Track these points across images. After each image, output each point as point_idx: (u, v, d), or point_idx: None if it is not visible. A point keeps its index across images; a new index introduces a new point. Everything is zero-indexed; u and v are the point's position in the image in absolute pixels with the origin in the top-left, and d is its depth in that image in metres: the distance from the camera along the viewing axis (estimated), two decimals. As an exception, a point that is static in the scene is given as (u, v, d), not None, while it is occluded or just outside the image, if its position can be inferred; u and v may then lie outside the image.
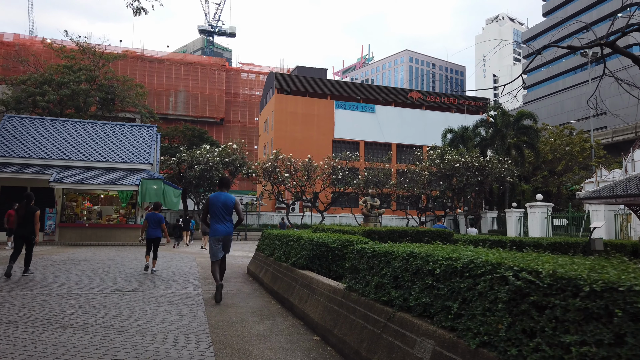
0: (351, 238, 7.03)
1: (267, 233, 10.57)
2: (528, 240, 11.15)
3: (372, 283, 4.04)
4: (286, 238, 8.27)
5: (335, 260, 6.81)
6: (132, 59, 73.13)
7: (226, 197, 7.73)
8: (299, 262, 6.88)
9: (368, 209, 21.64)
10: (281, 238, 8.70)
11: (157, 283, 9.15)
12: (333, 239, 6.91)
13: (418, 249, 3.79)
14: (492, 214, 37.64)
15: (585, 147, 41.95)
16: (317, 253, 6.73)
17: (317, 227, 10.77)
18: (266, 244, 10.00)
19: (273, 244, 9.26)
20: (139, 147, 25.92)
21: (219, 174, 36.26)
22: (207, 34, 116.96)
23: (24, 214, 9.82)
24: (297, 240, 7.44)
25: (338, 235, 7.29)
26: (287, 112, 52.64)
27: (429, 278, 3.34)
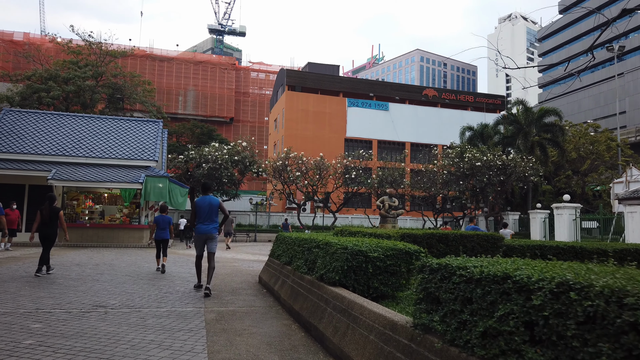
0: (396, 245, 5.43)
1: (282, 237, 8.99)
2: (589, 246, 9.44)
3: (477, 328, 2.42)
4: (309, 243, 6.68)
5: (377, 275, 5.21)
6: (141, 58, 72.34)
7: (211, 200, 8.55)
8: (329, 275, 5.28)
9: (386, 209, 20.01)
10: (302, 243, 7.11)
11: (151, 297, 7.60)
12: (372, 247, 5.32)
13: (568, 273, 2.16)
14: (513, 216, 35.77)
15: (612, 145, 39.92)
16: (354, 265, 5.13)
17: (341, 230, 9.16)
18: (282, 250, 8.42)
19: (291, 250, 7.68)
20: (144, 143, 24.51)
21: (228, 172, 34.83)
22: (216, 34, 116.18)
23: (48, 214, 10.13)
24: (324, 248, 5.85)
25: (378, 242, 5.68)
26: (297, 110, 51.10)
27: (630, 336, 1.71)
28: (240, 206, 43.83)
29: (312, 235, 7.70)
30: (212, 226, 8.41)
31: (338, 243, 5.49)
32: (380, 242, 5.61)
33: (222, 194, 37.61)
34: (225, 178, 34.80)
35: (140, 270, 11.36)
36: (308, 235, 7.51)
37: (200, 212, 8.39)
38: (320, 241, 6.19)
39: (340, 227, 9.28)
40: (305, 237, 7.09)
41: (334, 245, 5.52)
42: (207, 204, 8.44)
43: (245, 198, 42.52)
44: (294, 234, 8.72)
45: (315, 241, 6.42)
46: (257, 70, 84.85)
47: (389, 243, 5.55)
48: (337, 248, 5.36)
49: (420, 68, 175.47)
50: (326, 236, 7.39)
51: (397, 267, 5.27)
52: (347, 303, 4.44)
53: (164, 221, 11.78)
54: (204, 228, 8.33)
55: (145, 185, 21.86)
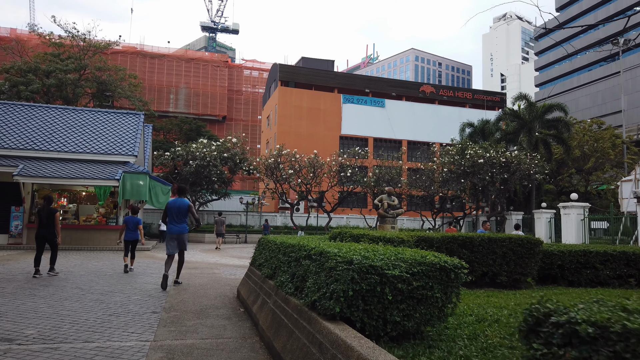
0: (425, 257, 3.63)
1: (265, 241, 7.17)
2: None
3: None
4: (297, 252, 4.87)
5: (398, 303, 3.42)
6: (131, 55, 70.32)
7: (181, 202, 9.16)
8: (325, 304, 3.47)
9: (384, 208, 18.35)
10: (288, 251, 5.29)
11: (88, 321, 5.76)
12: (391, 260, 3.52)
13: None
14: (516, 216, 34.08)
15: (617, 143, 38.41)
16: (363, 289, 3.34)
17: (339, 232, 7.32)
18: (264, 258, 6.60)
19: (274, 260, 5.87)
20: (122, 136, 22.58)
21: (218, 170, 32.94)
22: (209, 31, 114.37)
23: (46, 215, 10.24)
24: (318, 260, 4.04)
25: (396, 251, 3.88)
26: (291, 106, 49.26)
27: None
28: (231, 206, 41.92)
29: (303, 240, 5.91)
30: (182, 226, 9.11)
31: (339, 254, 3.68)
32: (401, 252, 3.81)
33: (211, 193, 35.70)
34: (215, 176, 32.90)
35: (99, 280, 9.51)
36: (297, 240, 5.71)
37: (170, 213, 9.09)
38: (313, 249, 4.37)
39: (338, 229, 7.47)
40: (293, 243, 5.27)
41: (332, 256, 3.70)
42: (177, 206, 9.11)
43: (236, 198, 40.64)
44: (279, 237, 6.93)
45: (306, 249, 4.61)
46: (250, 68, 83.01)
47: (413, 253, 3.76)
48: (337, 262, 3.55)
49: (415, 67, 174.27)
50: (320, 241, 5.59)
51: (428, 290, 3.49)
52: (356, 358, 2.64)
53: (133, 222, 11.88)
54: (175, 228, 9.06)
55: (122, 183, 19.96)
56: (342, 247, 4.30)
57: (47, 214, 10.29)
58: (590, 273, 7.58)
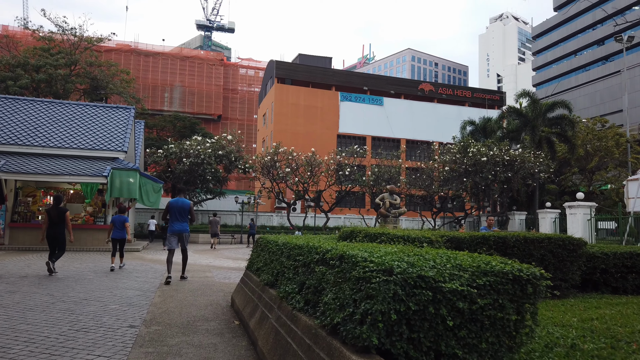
0: (492, 265, 2.61)
1: (264, 242, 6.14)
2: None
3: None
4: (306, 255, 3.85)
5: (457, 329, 2.42)
6: (125, 53, 69.22)
7: (182, 202, 9.72)
8: (355, 331, 2.43)
9: (386, 208, 17.43)
10: (294, 254, 4.27)
11: (47, 341, 4.73)
12: (447, 268, 2.51)
13: None
14: (520, 216, 33.22)
15: (621, 141, 37.58)
16: (410, 310, 2.32)
17: (351, 231, 6.27)
18: (263, 261, 5.59)
19: (276, 263, 4.85)
20: (111, 131, 21.48)
21: (212, 168, 31.87)
22: (205, 30, 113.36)
23: (56, 214, 10.19)
24: (338, 266, 3.04)
25: (447, 255, 2.86)
26: (288, 104, 48.23)
27: None
28: (226, 206, 40.86)
29: (311, 240, 4.90)
30: (184, 225, 9.64)
31: (370, 258, 2.67)
32: (454, 257, 2.81)
33: (205, 192, 34.62)
34: (209, 175, 31.83)
35: (76, 285, 8.46)
36: (304, 240, 4.70)
37: (172, 212, 9.57)
38: (329, 252, 3.36)
39: (350, 228, 6.43)
40: (300, 244, 4.25)
41: (360, 262, 2.68)
42: (179, 205, 9.63)
43: (231, 197, 39.58)
44: (281, 237, 5.91)
45: (319, 251, 3.60)
46: (245, 66, 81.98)
47: (472, 259, 2.75)
48: (369, 270, 2.52)
49: (412, 67, 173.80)
50: (332, 242, 4.57)
51: (497, 309, 2.49)
52: None
53: (120, 221, 11.87)
54: (177, 226, 9.53)
55: (111, 180, 18.86)
56: (368, 248, 3.29)
57: (57, 213, 10.22)
58: (638, 278, 6.63)
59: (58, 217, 10.21)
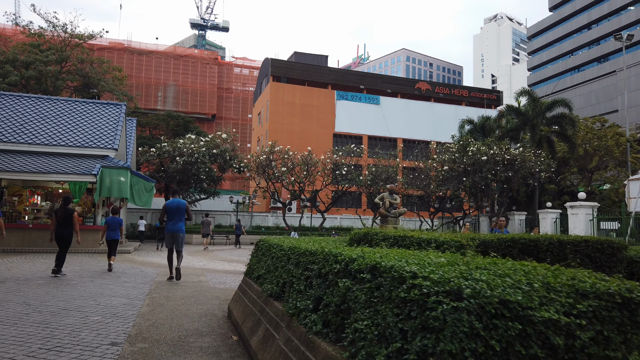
0: (589, 282, 1.93)
1: (266, 244, 5.42)
2: None
3: None
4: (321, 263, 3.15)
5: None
6: (118, 51, 68.31)
7: (179, 202, 10.06)
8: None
9: (386, 208, 16.80)
10: (305, 261, 3.56)
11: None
12: (531, 288, 1.82)
13: None
14: (520, 216, 32.70)
15: (621, 141, 37.15)
16: (489, 350, 1.62)
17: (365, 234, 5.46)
18: (265, 267, 4.88)
19: (281, 271, 4.15)
20: (101, 128, 20.68)
21: (206, 167, 31.11)
22: (199, 28, 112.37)
23: (63, 215, 10.28)
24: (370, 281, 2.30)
25: (519, 268, 2.17)
26: (283, 102, 47.51)
27: None
28: (221, 206, 40.08)
29: (325, 244, 4.21)
30: (180, 225, 9.88)
31: (422, 273, 1.96)
32: (528, 270, 2.11)
33: (199, 192, 33.86)
34: (203, 174, 31.06)
35: (56, 292, 7.72)
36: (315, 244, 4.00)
37: (169, 213, 9.83)
38: (355, 261, 2.66)
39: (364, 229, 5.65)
40: (313, 249, 3.55)
41: (407, 277, 1.96)
42: (175, 205, 9.89)
43: (226, 197, 38.82)
44: (285, 239, 5.22)
45: (340, 259, 2.90)
46: (240, 65, 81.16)
47: (560, 274, 2.05)
48: (426, 292, 1.81)
49: (407, 68, 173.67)
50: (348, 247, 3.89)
51: (601, 345, 1.81)
52: None
53: (114, 222, 11.93)
54: (173, 227, 9.77)
55: (101, 178, 18.09)
56: (405, 256, 2.61)
57: (64, 214, 10.33)
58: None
59: (64, 217, 10.32)
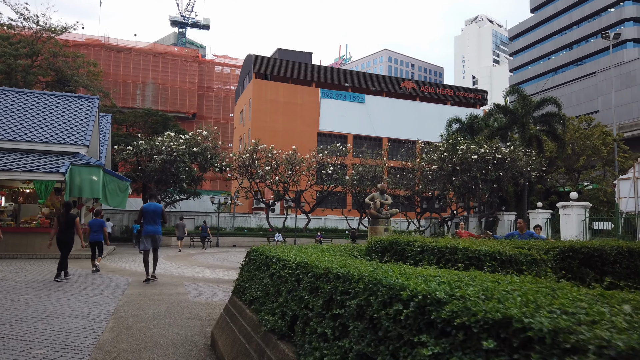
0: None
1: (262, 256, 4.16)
2: None
3: None
4: (356, 296, 2.01)
5: None
6: (95, 48, 66.11)
7: (155, 206, 10.49)
8: None
9: (377, 208, 15.79)
10: (327, 289, 2.40)
11: None
12: None
13: None
14: (509, 216, 32.05)
15: (608, 140, 36.87)
16: None
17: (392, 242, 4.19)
18: (262, 290, 3.67)
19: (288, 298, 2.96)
20: (71, 123, 19.14)
21: (186, 166, 29.63)
22: (179, 26, 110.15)
23: (65, 221, 10.45)
24: (466, 337, 1.21)
25: None
26: (266, 100, 46.18)
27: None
28: (201, 206, 38.55)
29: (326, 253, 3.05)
30: (157, 227, 10.32)
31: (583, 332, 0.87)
32: None
33: (179, 192, 32.32)
34: (183, 173, 29.56)
35: (1, 312, 6.38)
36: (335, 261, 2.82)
37: (146, 215, 10.25)
38: (446, 304, 1.51)
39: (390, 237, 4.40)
40: (341, 271, 2.37)
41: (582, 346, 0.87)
42: (152, 209, 10.31)
43: (206, 198, 37.33)
44: (290, 250, 4.03)
45: (402, 295, 1.75)
46: (221, 64, 79.57)
47: None
48: None
49: (389, 68, 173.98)
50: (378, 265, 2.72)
51: None
52: None
53: (96, 224, 12.18)
54: (151, 229, 10.25)
55: (70, 177, 16.61)
56: (530, 292, 1.48)
57: (66, 220, 10.43)
58: None
59: (67, 223, 10.43)
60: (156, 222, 10.26)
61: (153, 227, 10.22)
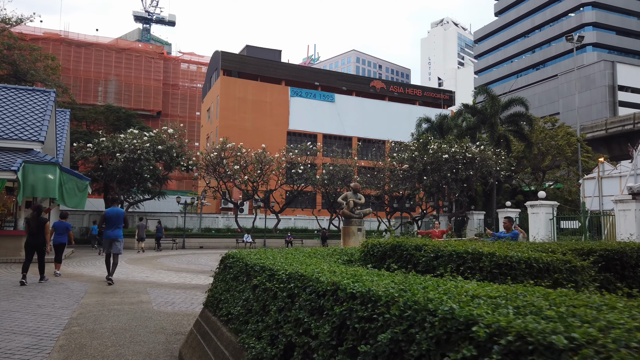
0: None
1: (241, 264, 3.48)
2: None
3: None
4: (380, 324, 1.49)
5: None
6: (54, 42, 63.22)
7: (118, 211, 10.86)
8: None
9: (350, 208, 15.40)
10: (340, 312, 1.81)
11: None
12: None
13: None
14: (478, 215, 32.23)
15: (572, 141, 37.70)
16: None
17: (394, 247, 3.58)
18: (243, 305, 3.02)
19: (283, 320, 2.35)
20: (25, 118, 17.85)
21: (150, 165, 28.41)
22: (143, 22, 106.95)
23: (36, 224, 10.31)
24: None
25: None
26: (234, 98, 45.14)
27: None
28: (167, 207, 37.23)
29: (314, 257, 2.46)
30: (118, 231, 10.68)
31: None
32: None
33: (143, 192, 31.01)
34: (147, 172, 28.33)
35: None
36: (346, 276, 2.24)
37: (109, 220, 10.59)
38: (497, 328, 0.96)
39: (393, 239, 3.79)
40: (357, 289, 1.80)
41: None
42: (115, 214, 10.71)
43: (172, 198, 36.09)
44: (275, 255, 3.41)
45: (470, 335, 1.18)
46: (187, 61, 77.62)
47: None
48: None
49: (357, 69, 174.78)
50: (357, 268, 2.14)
51: None
52: None
53: (61, 227, 12.02)
54: (112, 233, 10.57)
55: (23, 175, 15.42)
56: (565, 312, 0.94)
57: (37, 224, 10.32)
58: None
59: (37, 227, 10.30)
60: (118, 226, 10.55)
61: (114, 232, 10.51)
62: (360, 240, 15.08)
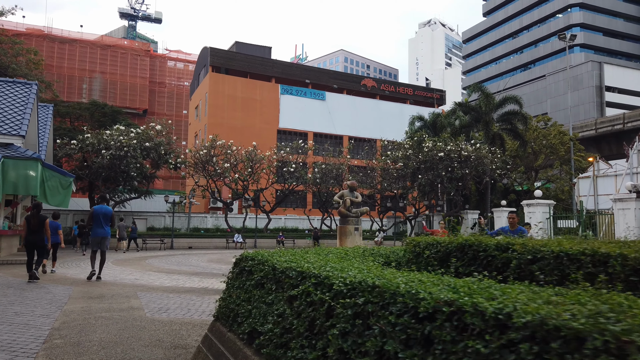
0: None
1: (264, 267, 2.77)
2: None
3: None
4: None
5: None
6: (37, 38, 61.56)
7: (106, 209, 10.91)
8: None
9: (347, 207, 14.74)
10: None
11: None
12: None
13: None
14: (472, 215, 31.82)
15: (565, 140, 37.54)
16: None
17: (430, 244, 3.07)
18: (273, 320, 2.39)
19: (343, 341, 1.69)
20: (4, 111, 16.87)
21: (137, 163, 27.47)
22: (129, 18, 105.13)
23: (36, 222, 10.33)
24: None
25: None
26: (223, 95, 44.24)
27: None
28: (154, 206, 36.22)
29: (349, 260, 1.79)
30: (106, 229, 10.80)
31: None
32: None
33: (129, 191, 30.01)
34: (134, 170, 27.38)
35: None
36: (441, 282, 1.59)
37: (96, 218, 10.67)
38: None
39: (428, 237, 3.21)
40: (467, 304, 1.14)
41: None
42: (103, 212, 10.75)
43: (160, 197, 35.12)
44: (309, 255, 2.76)
45: None
46: (174, 59, 76.26)
47: None
48: None
49: (345, 68, 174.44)
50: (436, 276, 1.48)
51: None
52: None
53: (53, 227, 11.90)
54: (100, 231, 10.71)
55: (3, 171, 14.51)
56: None
57: (37, 221, 10.33)
58: None
59: (38, 225, 10.32)
60: (106, 224, 10.68)
61: (102, 230, 10.64)
62: (357, 240, 14.46)
